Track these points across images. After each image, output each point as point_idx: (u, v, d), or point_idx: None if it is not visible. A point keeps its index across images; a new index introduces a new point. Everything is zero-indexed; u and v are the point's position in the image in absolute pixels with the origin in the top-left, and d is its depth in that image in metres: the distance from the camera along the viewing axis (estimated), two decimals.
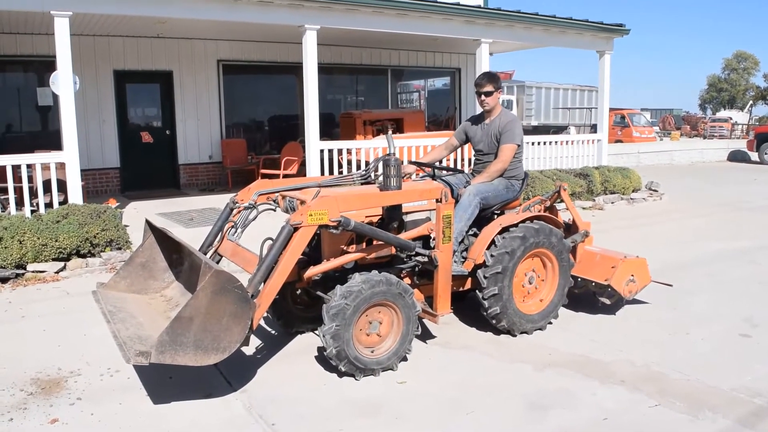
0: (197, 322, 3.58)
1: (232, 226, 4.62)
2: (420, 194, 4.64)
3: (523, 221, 4.97)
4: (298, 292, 4.94)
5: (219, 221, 4.73)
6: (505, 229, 4.88)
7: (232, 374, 4.31)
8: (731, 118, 42.34)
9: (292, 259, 4.00)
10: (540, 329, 5.14)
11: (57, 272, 6.97)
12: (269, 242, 4.09)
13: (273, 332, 5.10)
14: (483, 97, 5.29)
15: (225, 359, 3.76)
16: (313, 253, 4.56)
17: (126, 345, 3.63)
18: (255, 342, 4.91)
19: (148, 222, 4.82)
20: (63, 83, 8.14)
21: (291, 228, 3.97)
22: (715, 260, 7.72)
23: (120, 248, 7.43)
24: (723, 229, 9.77)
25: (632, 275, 5.45)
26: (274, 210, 4.66)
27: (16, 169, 8.09)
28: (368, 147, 11.04)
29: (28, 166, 8.22)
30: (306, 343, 4.87)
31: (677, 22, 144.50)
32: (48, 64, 11.41)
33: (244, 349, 4.71)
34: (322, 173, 10.25)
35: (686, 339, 5.06)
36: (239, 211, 4.66)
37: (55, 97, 9.14)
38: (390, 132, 10.85)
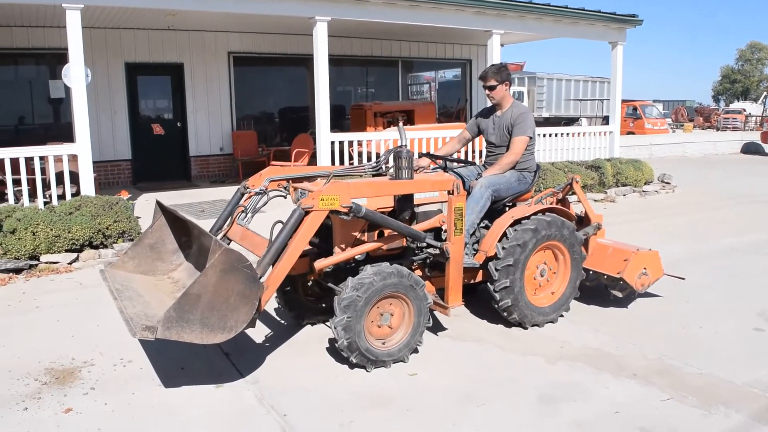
0: (205, 300, 3.57)
1: (242, 211, 4.61)
2: (432, 185, 4.63)
3: (535, 213, 4.95)
4: (310, 283, 4.94)
5: (229, 206, 4.72)
6: (517, 222, 4.86)
7: (244, 365, 4.33)
8: (745, 110, 41.89)
9: (301, 243, 3.99)
10: (551, 322, 5.13)
11: (70, 263, 7.02)
12: (279, 225, 4.08)
13: (284, 323, 5.12)
14: (488, 91, 5.27)
15: (234, 346, 3.78)
16: (324, 245, 4.55)
17: (132, 321, 3.62)
18: (266, 332, 4.94)
19: (158, 203, 4.79)
20: (75, 76, 8.17)
21: (302, 211, 3.96)
22: (729, 253, 7.66)
23: (132, 239, 7.46)
24: (736, 222, 9.70)
25: (645, 268, 5.41)
26: (285, 197, 4.65)
27: (29, 161, 8.14)
28: (379, 139, 11.03)
29: (41, 158, 8.28)
30: (317, 335, 4.88)
31: (691, 13, 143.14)
32: (60, 57, 11.47)
33: (255, 339, 4.75)
34: (333, 165, 10.24)
35: (699, 333, 5.02)
36: (250, 197, 4.66)
37: (67, 89, 9.20)
38: (401, 124, 10.80)
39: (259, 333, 4.94)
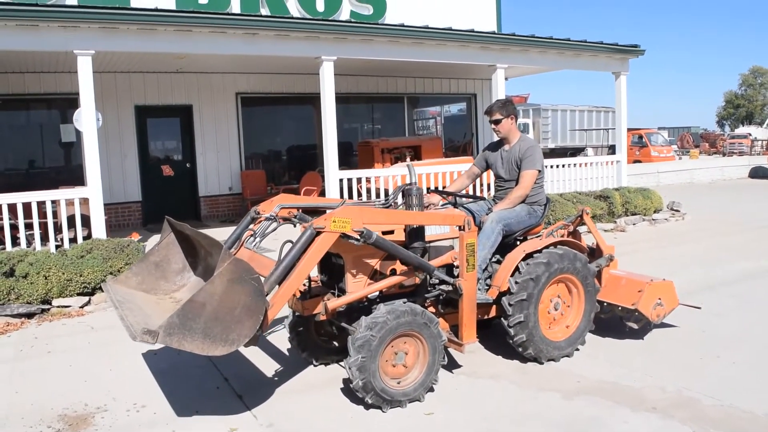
0: (209, 309, 3.50)
1: (251, 235, 4.59)
2: (443, 219, 4.63)
3: (546, 247, 4.94)
4: (322, 323, 4.92)
5: (239, 228, 4.69)
6: (528, 255, 4.85)
7: (258, 407, 4.29)
8: (750, 134, 41.98)
9: (310, 264, 3.97)
10: (567, 356, 5.07)
11: (82, 307, 7.04)
12: (288, 245, 4.05)
13: (297, 364, 5.07)
14: (493, 125, 5.32)
15: (248, 387, 3.74)
16: (336, 284, 4.54)
17: (133, 327, 3.56)
18: (279, 374, 4.91)
19: (168, 220, 4.71)
20: (86, 120, 8.30)
21: (314, 231, 3.95)
22: (742, 280, 7.59)
23: None
24: (748, 248, 9.63)
25: (659, 298, 5.37)
26: (294, 226, 4.62)
27: (41, 204, 8.22)
28: (387, 175, 11.08)
29: (53, 202, 8.35)
30: (331, 375, 4.84)
31: (693, 39, 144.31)
32: (71, 101, 11.67)
33: (268, 380, 4.72)
34: (342, 195, 10.29)
35: (717, 363, 4.96)
36: (260, 221, 4.65)
37: (78, 133, 9.33)
38: (409, 160, 10.86)
39: (272, 374, 4.92)
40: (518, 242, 5.22)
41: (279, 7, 12.98)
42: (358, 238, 4.03)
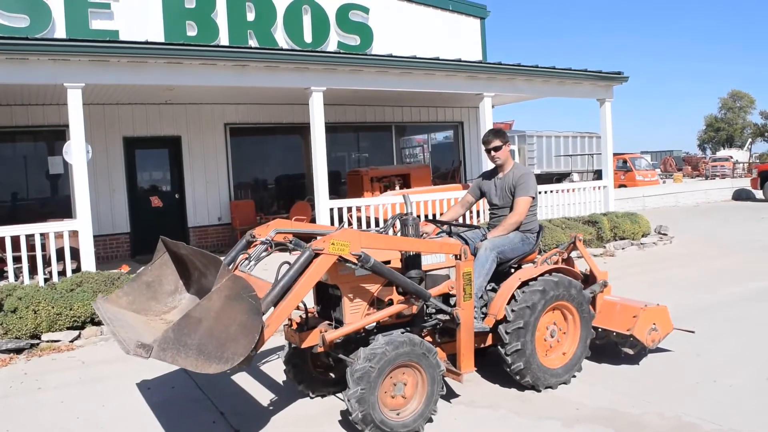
0: (205, 325, 3.44)
1: (246, 258, 4.55)
2: (440, 247, 4.63)
3: (542, 274, 4.96)
4: (319, 354, 4.88)
5: (234, 251, 4.64)
6: (524, 283, 4.87)
7: None
8: (732, 157, 42.62)
9: (307, 286, 3.94)
10: (564, 383, 5.06)
11: (72, 341, 6.94)
12: (285, 267, 4.02)
13: (293, 396, 5.02)
14: (493, 153, 5.37)
15: (244, 421, 3.68)
16: (333, 315, 4.52)
17: (126, 341, 3.47)
18: (276, 407, 4.85)
19: (162, 239, 4.63)
20: (76, 152, 8.28)
21: (312, 253, 3.93)
22: (733, 303, 7.64)
23: None
24: (737, 271, 9.71)
25: (654, 323, 5.39)
26: (290, 252, 4.58)
27: (29, 237, 8.14)
28: (377, 204, 11.11)
29: (42, 235, 8.28)
30: (328, 407, 4.79)
31: (671, 65, 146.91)
32: (58, 133, 11.66)
33: (264, 414, 4.66)
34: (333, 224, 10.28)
35: (714, 387, 4.97)
36: (255, 245, 4.61)
37: (66, 165, 9.29)
38: (398, 188, 10.89)
39: (268, 407, 4.86)
40: (513, 270, 5.24)
41: (267, 38, 13.10)
42: (356, 262, 4.02)
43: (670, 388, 4.95)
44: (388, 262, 4.46)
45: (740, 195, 24.34)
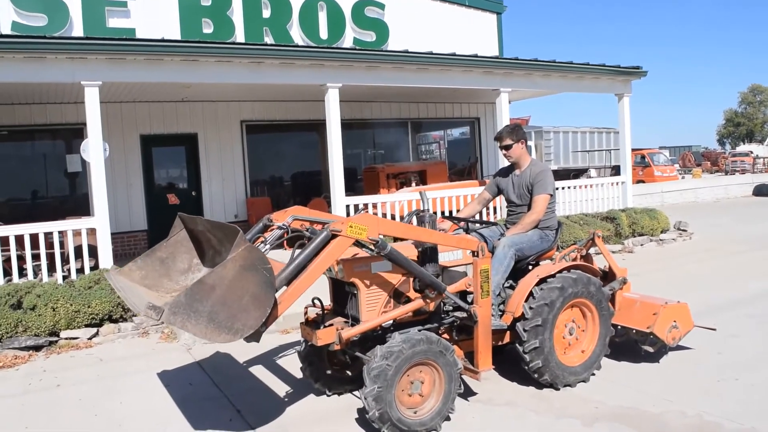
0: (218, 293, 3.41)
1: (262, 242, 4.52)
2: (458, 241, 4.58)
3: (560, 271, 4.90)
4: (336, 352, 4.86)
5: (250, 233, 4.58)
6: (542, 280, 4.81)
7: None
8: (752, 152, 42.06)
9: (322, 266, 3.93)
10: (583, 381, 5.01)
11: (90, 338, 6.98)
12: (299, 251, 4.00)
13: (310, 394, 5.01)
14: (504, 150, 5.33)
15: (261, 419, 3.67)
16: (350, 312, 4.49)
17: (137, 305, 3.45)
18: (293, 405, 4.84)
19: (180, 216, 4.57)
20: (93, 150, 8.31)
21: (329, 233, 3.90)
22: (755, 299, 7.53)
23: None
24: (758, 267, 9.57)
25: (675, 321, 5.32)
26: (305, 241, 4.53)
27: (47, 235, 8.20)
28: (393, 200, 11.07)
29: (60, 233, 8.34)
30: (345, 405, 4.77)
31: (691, 57, 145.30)
32: (76, 131, 11.74)
33: (281, 412, 4.65)
34: None
35: (736, 385, 4.88)
36: (272, 229, 4.58)
37: (84, 163, 9.34)
38: (415, 185, 10.85)
39: (285, 405, 4.85)
40: (531, 267, 5.19)
41: (283, 35, 13.09)
42: (372, 247, 4.00)
43: (691, 387, 4.88)
44: None
45: (761, 190, 23.99)
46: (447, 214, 10.64)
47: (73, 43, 8.34)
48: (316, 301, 4.48)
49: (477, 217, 5.78)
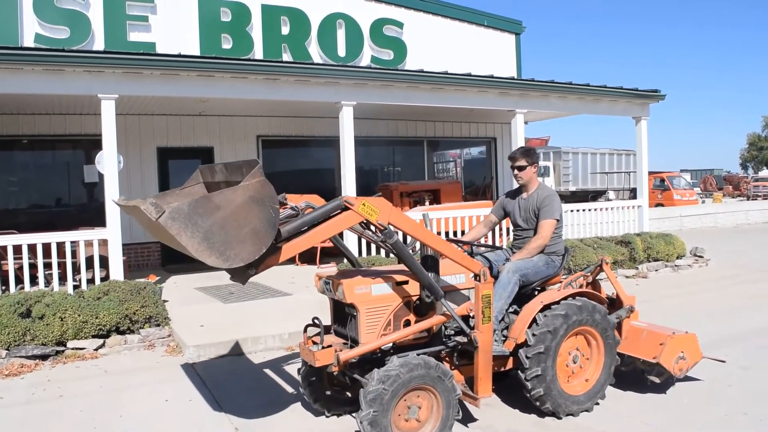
0: (221, 215, 3.35)
1: None
2: (462, 258, 4.48)
3: (565, 298, 4.83)
4: (335, 373, 4.83)
5: None
6: (546, 307, 4.75)
7: None
8: None
9: (326, 232, 3.95)
10: (587, 411, 4.91)
11: (96, 349, 7.01)
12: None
13: (309, 415, 4.97)
14: (516, 171, 5.28)
15: None
16: (350, 334, 4.46)
17: (140, 201, 3.34)
18: (292, 426, 4.80)
19: (200, 168, 4.50)
20: (108, 163, 8.42)
21: (342, 204, 3.92)
22: None
23: (159, 325, 7.45)
24: None
25: (682, 352, 5.21)
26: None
27: (60, 245, 8.29)
28: None
29: (72, 243, 8.42)
30: (344, 427, 4.72)
31: (714, 79, 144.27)
32: (95, 142, 11.82)
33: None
34: (359, 245, 10.26)
35: (745, 420, 4.77)
36: (284, 208, 4.56)
37: (101, 174, 9.44)
38: (428, 204, 10.83)
39: (283, 425, 4.82)
40: (536, 292, 5.12)
41: (301, 52, 13.20)
42: (378, 234, 4.00)
43: (699, 420, 4.77)
44: (406, 282, 4.40)
45: None
46: (458, 234, 10.58)
47: (90, 56, 8.46)
48: (316, 321, 4.47)
49: (482, 240, 5.73)
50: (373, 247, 10.49)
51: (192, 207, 3.31)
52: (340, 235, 4.81)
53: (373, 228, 4.14)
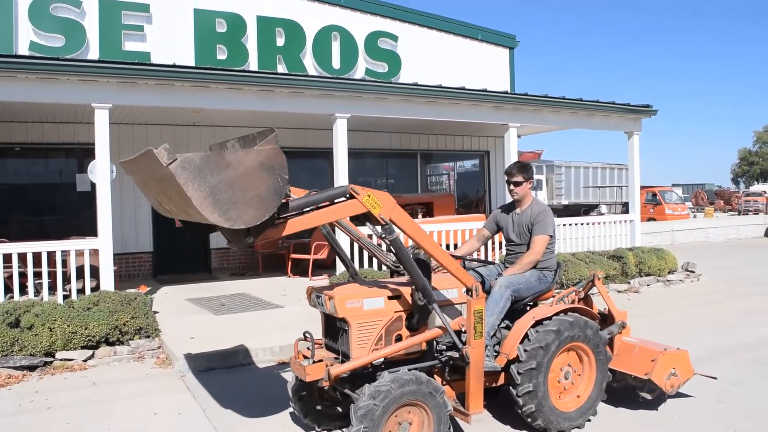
0: (230, 174, 3.35)
1: None
2: (456, 269, 4.46)
3: (557, 314, 4.83)
4: (326, 388, 4.80)
5: None
6: (538, 323, 4.74)
7: None
8: (765, 192, 41.76)
9: (328, 216, 3.98)
10: (578, 427, 4.90)
11: (85, 360, 6.95)
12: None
13: (300, 429, 4.94)
14: (512, 186, 5.28)
15: None
16: (341, 349, 4.44)
17: (151, 148, 3.34)
18: None
19: (211, 148, 4.49)
20: (100, 172, 8.39)
21: (347, 191, 3.94)
22: (761, 345, 7.39)
23: (149, 336, 7.40)
24: (765, 312, 9.41)
25: (674, 368, 5.21)
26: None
27: (51, 254, 8.23)
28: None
29: (63, 252, 8.37)
30: None
31: (709, 96, 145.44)
32: (88, 151, 11.76)
33: None
34: (352, 258, 10.23)
35: None
36: (287, 200, 4.53)
37: (93, 183, 9.41)
38: (420, 218, 10.79)
39: None
40: (528, 308, 5.12)
41: (296, 64, 13.22)
42: (379, 228, 4.01)
43: None
44: (398, 297, 4.39)
45: None
46: (450, 248, 10.58)
47: (85, 65, 8.46)
48: (307, 335, 4.45)
49: (475, 254, 5.72)
50: (366, 259, 10.47)
51: (203, 160, 3.32)
52: (332, 249, 4.78)
53: (370, 226, 4.13)
